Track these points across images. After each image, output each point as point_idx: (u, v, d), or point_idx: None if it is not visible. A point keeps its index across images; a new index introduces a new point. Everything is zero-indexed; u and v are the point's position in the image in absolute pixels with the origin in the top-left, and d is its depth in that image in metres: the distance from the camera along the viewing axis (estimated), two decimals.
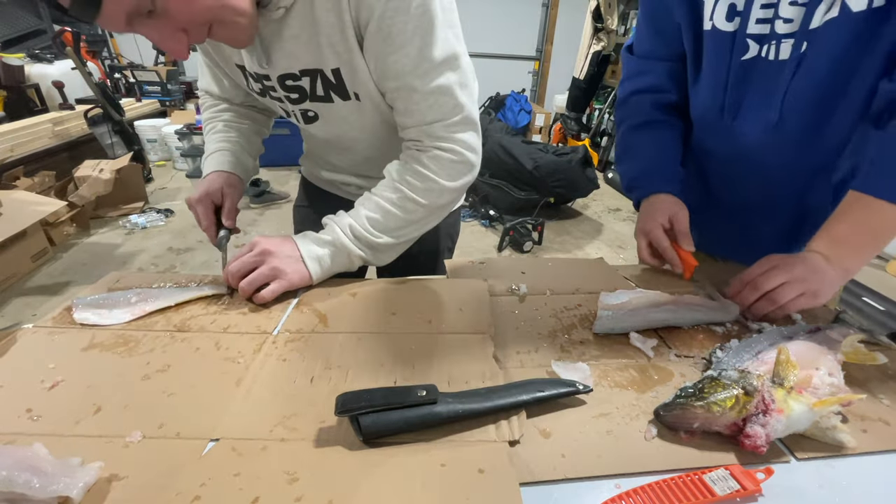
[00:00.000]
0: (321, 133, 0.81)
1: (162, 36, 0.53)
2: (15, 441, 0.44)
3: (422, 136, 0.70)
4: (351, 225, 0.71)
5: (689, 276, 0.77)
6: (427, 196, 0.72)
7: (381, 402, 0.45)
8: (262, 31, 0.65)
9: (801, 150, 0.73)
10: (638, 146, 0.88)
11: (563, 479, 0.42)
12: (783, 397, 0.46)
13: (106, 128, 3.47)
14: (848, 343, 0.57)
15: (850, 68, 0.64)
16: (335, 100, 0.71)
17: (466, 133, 0.71)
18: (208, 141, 0.88)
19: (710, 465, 0.43)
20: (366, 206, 0.72)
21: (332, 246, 0.71)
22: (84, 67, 3.32)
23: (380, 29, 0.61)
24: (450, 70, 0.66)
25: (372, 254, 0.74)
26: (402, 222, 0.73)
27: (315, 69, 0.67)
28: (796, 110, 0.69)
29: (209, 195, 0.81)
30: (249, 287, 0.67)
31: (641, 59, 0.86)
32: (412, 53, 0.63)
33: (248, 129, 0.90)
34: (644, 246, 0.82)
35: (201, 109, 0.92)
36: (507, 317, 0.67)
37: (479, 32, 5.57)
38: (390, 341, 0.60)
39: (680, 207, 0.80)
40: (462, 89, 0.68)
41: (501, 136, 3.45)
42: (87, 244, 2.83)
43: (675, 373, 0.56)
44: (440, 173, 0.71)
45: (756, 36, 0.68)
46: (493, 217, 3.29)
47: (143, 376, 0.53)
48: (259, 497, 0.39)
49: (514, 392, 0.48)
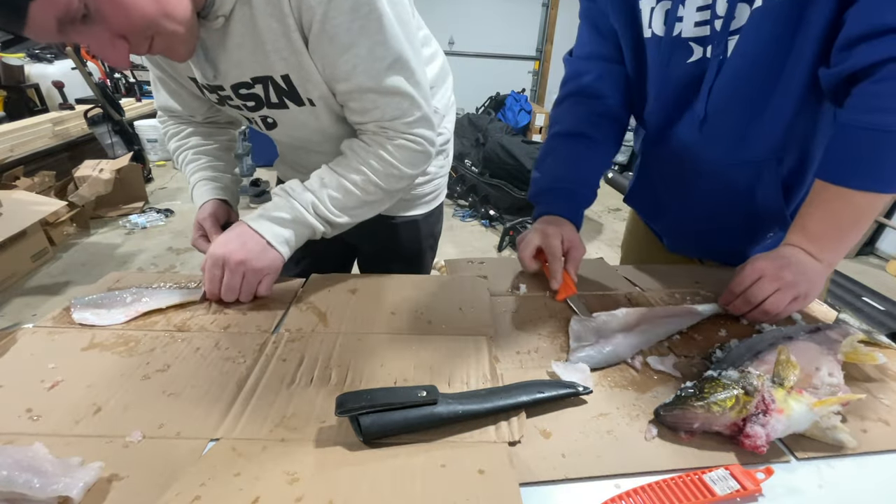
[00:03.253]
0: (284, 138, 0.81)
1: (99, 44, 0.52)
2: (15, 441, 0.44)
3: (381, 130, 0.70)
4: (314, 203, 0.70)
5: (561, 298, 0.72)
6: (388, 181, 0.72)
7: (382, 403, 0.45)
8: (205, 42, 0.64)
9: (735, 145, 0.72)
10: (555, 159, 0.85)
11: (563, 479, 0.42)
12: (783, 397, 0.46)
13: (106, 128, 3.47)
14: (848, 343, 0.57)
15: (780, 57, 0.63)
16: (290, 106, 0.70)
17: (424, 129, 0.71)
18: (187, 171, 0.86)
19: (710, 465, 0.43)
20: (329, 185, 0.71)
21: (296, 223, 0.70)
22: (84, 67, 3.31)
23: (324, 30, 0.59)
24: (402, 69, 0.65)
25: (331, 228, 0.74)
26: (360, 203, 0.73)
27: (265, 76, 0.66)
28: (720, 107, 0.69)
29: (215, 216, 0.80)
30: (231, 295, 0.67)
31: (581, 60, 0.84)
32: (362, 53, 0.61)
33: (216, 149, 0.88)
34: (532, 250, 0.76)
35: (163, 133, 0.89)
36: (506, 317, 0.67)
37: (479, 32, 5.57)
38: (390, 341, 0.60)
39: (578, 240, 0.77)
40: (416, 87, 0.67)
41: (501, 136, 3.45)
42: (87, 244, 2.83)
43: (676, 373, 0.56)
44: (403, 161, 0.71)
45: (698, 38, 0.67)
46: (493, 217, 3.29)
47: (144, 376, 0.53)
48: (259, 497, 0.39)
49: (514, 393, 0.48)
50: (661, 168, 0.86)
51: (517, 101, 4.97)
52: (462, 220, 3.38)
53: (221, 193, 0.84)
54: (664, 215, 0.93)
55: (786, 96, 0.66)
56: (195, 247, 0.79)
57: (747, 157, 0.73)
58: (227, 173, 0.88)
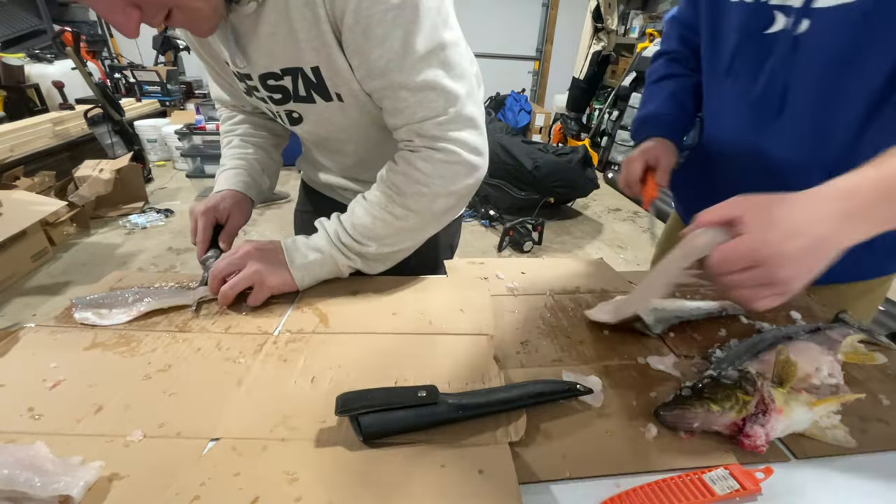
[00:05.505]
0: (307, 135, 0.79)
1: (110, 8, 0.49)
2: (16, 440, 0.44)
3: (412, 135, 0.64)
4: (337, 231, 0.67)
5: (646, 206, 0.81)
6: (417, 201, 0.66)
7: (382, 403, 0.45)
8: (237, 28, 0.62)
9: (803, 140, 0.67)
10: (646, 98, 0.92)
11: (563, 479, 0.42)
12: (783, 397, 0.46)
13: (106, 128, 3.47)
14: (848, 343, 0.57)
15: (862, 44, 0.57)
16: (317, 100, 0.67)
17: (463, 131, 0.64)
18: (224, 155, 0.85)
19: (710, 464, 0.43)
20: (355, 212, 0.68)
21: (320, 253, 0.68)
22: (84, 67, 3.32)
23: (357, 21, 0.56)
24: (439, 62, 0.60)
25: (362, 262, 0.69)
26: (391, 229, 0.67)
27: (295, 68, 0.63)
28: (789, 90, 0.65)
29: (215, 210, 0.78)
30: (231, 291, 0.65)
31: (671, 22, 0.90)
32: (395, 46, 0.57)
33: (265, 141, 0.86)
34: (623, 175, 0.84)
35: (220, 120, 0.89)
36: (507, 317, 0.67)
37: (479, 32, 5.57)
38: (391, 341, 0.60)
39: (666, 149, 0.82)
40: (456, 81, 0.62)
41: (501, 136, 3.45)
42: (87, 244, 2.83)
43: (675, 373, 0.56)
44: (433, 175, 0.65)
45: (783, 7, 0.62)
46: (493, 217, 3.29)
47: (145, 376, 0.53)
48: (259, 497, 0.39)
49: (514, 393, 0.48)
50: (713, 159, 0.83)
51: (517, 101, 4.97)
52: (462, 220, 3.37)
53: (250, 190, 0.82)
54: None
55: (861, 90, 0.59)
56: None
57: (815, 155, 0.66)
58: (267, 173, 0.87)
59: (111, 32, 5.35)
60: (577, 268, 0.83)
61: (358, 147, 0.75)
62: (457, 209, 0.71)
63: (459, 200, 0.70)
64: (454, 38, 0.61)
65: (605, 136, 4.60)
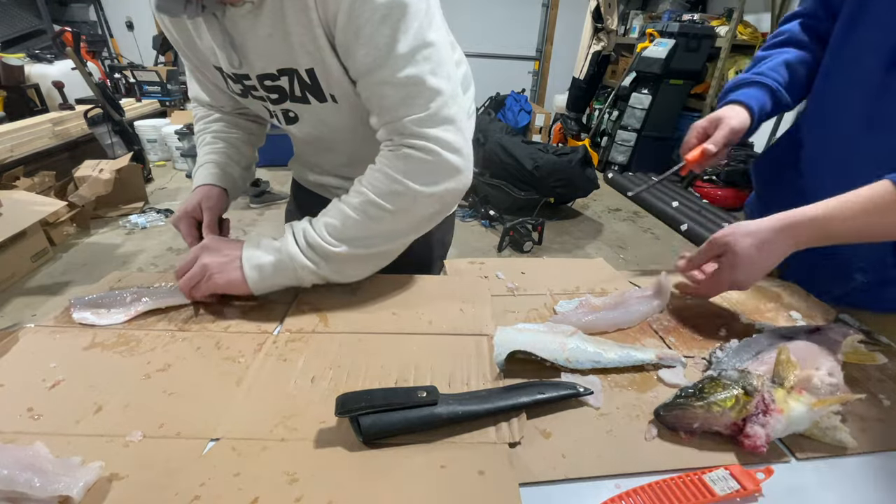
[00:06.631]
0: (302, 134, 0.79)
1: None
2: (16, 440, 0.44)
3: (392, 134, 0.63)
4: (305, 230, 0.64)
5: (684, 172, 0.80)
6: (394, 201, 0.63)
7: (382, 403, 0.45)
8: (232, 28, 0.63)
9: None
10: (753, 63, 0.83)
11: (563, 480, 0.42)
12: (783, 397, 0.46)
13: (106, 128, 3.46)
14: (848, 343, 0.57)
15: None
16: (311, 101, 0.68)
17: (442, 129, 0.62)
18: (198, 154, 0.86)
19: (710, 465, 0.43)
20: (328, 212, 0.65)
21: (278, 253, 0.64)
22: (84, 67, 3.32)
23: (349, 21, 0.57)
24: (424, 59, 0.60)
25: (328, 266, 0.64)
26: (364, 230, 0.63)
27: (291, 69, 0.65)
28: None
29: (188, 213, 0.78)
30: (185, 286, 0.64)
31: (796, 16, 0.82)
32: (381, 44, 0.58)
33: (237, 138, 0.86)
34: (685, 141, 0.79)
35: (194, 118, 0.90)
36: (507, 317, 0.67)
37: (479, 32, 5.57)
38: (391, 341, 0.60)
39: (732, 115, 0.75)
40: (440, 81, 0.61)
41: (501, 136, 3.45)
42: (87, 244, 2.82)
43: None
44: (410, 175, 0.62)
45: None
46: (493, 217, 3.29)
47: (144, 376, 0.53)
48: (259, 497, 0.39)
49: (515, 393, 0.48)
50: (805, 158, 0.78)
51: (517, 101, 4.97)
52: (462, 220, 3.37)
53: (220, 180, 0.82)
54: None
55: None
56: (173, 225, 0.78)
57: None
58: (238, 163, 0.86)
59: (111, 32, 5.36)
60: (576, 268, 0.83)
61: (350, 146, 0.76)
62: (439, 215, 0.68)
63: (442, 206, 0.67)
64: (440, 38, 0.62)
65: (605, 136, 4.60)
